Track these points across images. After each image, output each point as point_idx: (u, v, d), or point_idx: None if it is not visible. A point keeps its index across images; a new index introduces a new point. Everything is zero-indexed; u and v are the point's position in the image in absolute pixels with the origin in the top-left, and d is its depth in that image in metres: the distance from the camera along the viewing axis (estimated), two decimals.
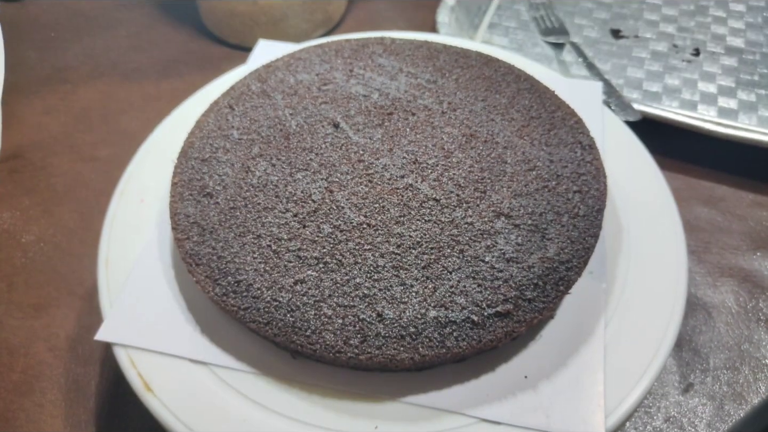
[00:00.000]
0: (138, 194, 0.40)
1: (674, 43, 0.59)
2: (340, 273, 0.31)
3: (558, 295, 0.31)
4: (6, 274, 0.45)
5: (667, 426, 0.36)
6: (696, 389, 0.37)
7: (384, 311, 0.30)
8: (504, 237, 0.32)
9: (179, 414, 0.30)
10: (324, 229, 0.33)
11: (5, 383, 0.39)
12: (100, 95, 0.58)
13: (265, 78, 0.42)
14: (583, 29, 0.62)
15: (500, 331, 0.30)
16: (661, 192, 0.39)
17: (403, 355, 0.29)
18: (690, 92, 0.54)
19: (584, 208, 0.33)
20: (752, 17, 0.62)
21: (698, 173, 0.49)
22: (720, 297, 0.41)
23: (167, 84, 0.59)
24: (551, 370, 0.32)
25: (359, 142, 0.37)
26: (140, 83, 0.60)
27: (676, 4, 0.64)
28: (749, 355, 0.38)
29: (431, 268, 0.31)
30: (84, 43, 0.64)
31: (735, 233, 0.45)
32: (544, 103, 0.39)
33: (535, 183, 0.34)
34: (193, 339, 0.33)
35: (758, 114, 0.52)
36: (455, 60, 0.43)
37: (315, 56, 0.44)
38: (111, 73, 0.61)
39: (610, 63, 0.57)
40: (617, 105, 0.48)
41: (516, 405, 0.30)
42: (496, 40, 0.60)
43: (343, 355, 0.30)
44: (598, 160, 0.36)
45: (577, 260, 0.32)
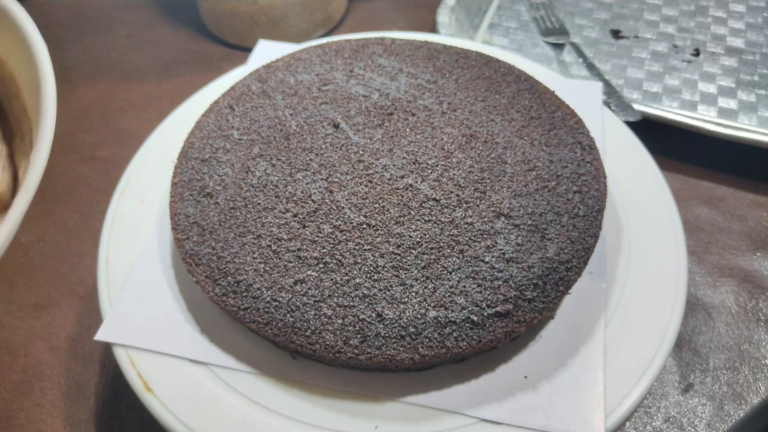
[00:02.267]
0: (138, 194, 0.40)
1: (674, 44, 0.59)
2: (340, 273, 0.31)
3: (558, 295, 0.31)
4: (6, 273, 0.45)
5: (667, 426, 0.36)
6: (696, 389, 0.37)
7: (384, 311, 0.30)
8: (504, 237, 0.32)
9: (179, 414, 0.30)
10: (324, 230, 0.33)
11: (5, 383, 0.39)
12: (100, 95, 0.58)
13: (266, 78, 0.42)
14: (584, 29, 0.62)
15: (500, 331, 0.30)
16: (661, 192, 0.39)
17: (403, 355, 0.29)
18: (690, 92, 0.54)
19: (584, 208, 0.33)
20: (752, 18, 0.62)
21: (698, 173, 0.49)
22: (720, 297, 0.41)
23: (167, 84, 0.59)
24: (551, 370, 0.32)
25: (359, 142, 0.37)
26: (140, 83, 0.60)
27: (677, 5, 0.64)
28: (749, 355, 0.38)
29: (431, 268, 0.31)
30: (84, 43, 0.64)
31: (735, 233, 0.45)
32: (544, 104, 0.39)
33: (535, 183, 0.34)
34: (192, 339, 0.33)
35: (758, 114, 0.52)
36: (455, 60, 0.43)
37: (315, 56, 0.44)
38: (111, 73, 0.61)
39: (610, 63, 0.57)
40: (617, 105, 0.48)
41: (516, 405, 0.30)
42: (497, 40, 0.60)
43: (343, 355, 0.30)
44: (598, 160, 0.36)
45: (576, 260, 0.32)
